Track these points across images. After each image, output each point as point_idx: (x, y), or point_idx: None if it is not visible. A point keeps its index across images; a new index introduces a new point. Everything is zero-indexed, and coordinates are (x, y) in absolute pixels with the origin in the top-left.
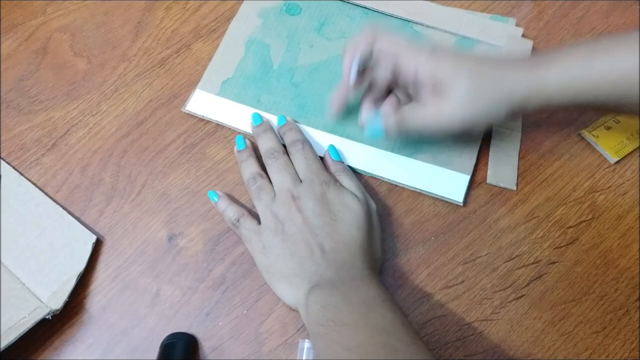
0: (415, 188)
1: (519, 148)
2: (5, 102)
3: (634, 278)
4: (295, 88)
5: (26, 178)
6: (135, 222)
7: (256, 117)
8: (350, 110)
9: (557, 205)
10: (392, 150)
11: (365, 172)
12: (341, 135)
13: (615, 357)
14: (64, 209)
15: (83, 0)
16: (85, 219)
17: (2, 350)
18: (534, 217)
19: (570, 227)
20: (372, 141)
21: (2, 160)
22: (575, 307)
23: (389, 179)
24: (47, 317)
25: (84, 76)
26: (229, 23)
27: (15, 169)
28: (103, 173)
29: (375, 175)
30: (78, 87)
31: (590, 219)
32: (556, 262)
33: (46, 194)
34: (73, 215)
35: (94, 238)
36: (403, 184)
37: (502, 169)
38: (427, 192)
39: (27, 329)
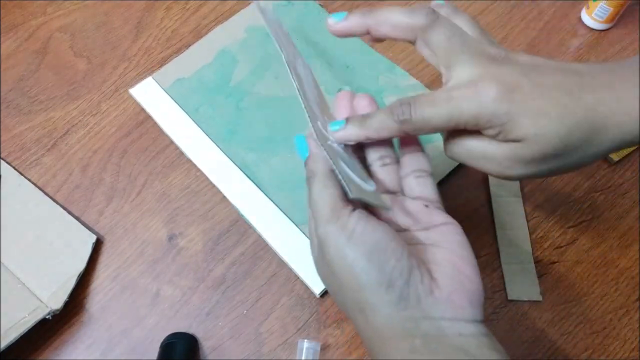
0: (281, 257)
1: (531, 250)
2: (5, 102)
3: (634, 278)
4: (236, 112)
5: (26, 178)
6: (135, 222)
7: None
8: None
9: (557, 205)
10: (285, 211)
11: (247, 219)
12: (249, 176)
13: (615, 357)
14: (64, 209)
15: (83, 0)
16: (85, 219)
17: (2, 350)
18: (534, 217)
19: (570, 227)
20: (274, 196)
21: (2, 160)
22: (575, 307)
23: (265, 240)
24: (47, 317)
25: (84, 76)
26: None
27: (15, 169)
28: (103, 173)
29: (253, 226)
30: (78, 87)
31: (590, 219)
32: (556, 262)
33: (46, 194)
34: (73, 215)
35: (94, 238)
36: (271, 246)
37: (520, 280)
38: (289, 265)
39: (27, 329)
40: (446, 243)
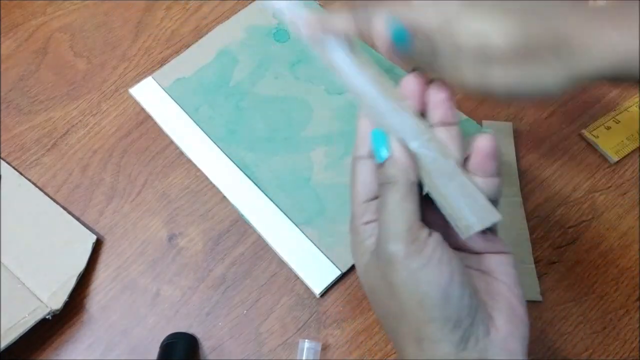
0: (281, 257)
1: (531, 250)
2: (5, 102)
3: (634, 278)
4: (236, 112)
5: (26, 178)
6: (135, 222)
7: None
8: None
9: (557, 205)
10: (285, 211)
11: (247, 219)
12: (249, 176)
13: (615, 357)
14: (64, 209)
15: (83, 0)
16: (85, 219)
17: (2, 350)
18: (534, 217)
19: (570, 227)
20: (274, 196)
21: (2, 160)
22: (575, 307)
23: (265, 240)
24: (47, 317)
25: (84, 76)
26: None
27: (15, 169)
28: (103, 173)
29: (253, 226)
30: (78, 87)
31: (590, 219)
32: (556, 262)
33: (46, 194)
34: (73, 215)
35: (94, 238)
36: (271, 246)
37: (520, 280)
38: (289, 265)
39: (27, 329)
40: (502, 275)
